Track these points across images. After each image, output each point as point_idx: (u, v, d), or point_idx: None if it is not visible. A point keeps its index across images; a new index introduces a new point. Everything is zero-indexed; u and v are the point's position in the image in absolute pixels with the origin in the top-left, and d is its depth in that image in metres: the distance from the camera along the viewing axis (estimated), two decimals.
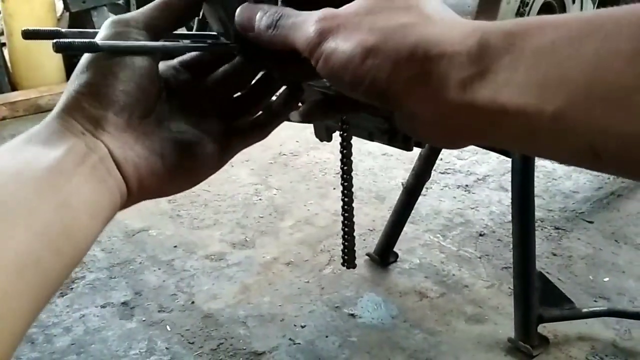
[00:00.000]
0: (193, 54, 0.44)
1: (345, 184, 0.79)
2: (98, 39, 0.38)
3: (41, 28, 0.42)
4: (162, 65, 0.42)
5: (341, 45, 0.31)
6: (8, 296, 0.28)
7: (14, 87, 3.33)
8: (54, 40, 0.37)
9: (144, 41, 0.39)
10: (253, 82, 0.45)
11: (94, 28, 0.42)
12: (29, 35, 0.42)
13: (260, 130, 0.44)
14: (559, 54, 0.24)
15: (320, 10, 0.34)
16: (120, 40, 0.38)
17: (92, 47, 0.38)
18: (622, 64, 0.22)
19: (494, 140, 0.30)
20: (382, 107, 0.33)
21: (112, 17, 0.39)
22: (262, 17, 0.37)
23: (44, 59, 3.26)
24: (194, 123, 0.41)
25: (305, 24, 0.34)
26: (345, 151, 0.76)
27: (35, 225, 0.30)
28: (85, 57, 0.37)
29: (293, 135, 2.63)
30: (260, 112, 0.45)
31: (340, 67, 0.31)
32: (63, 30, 0.40)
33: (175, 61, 0.43)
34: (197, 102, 0.42)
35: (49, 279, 0.30)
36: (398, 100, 0.30)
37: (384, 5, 0.32)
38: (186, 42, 0.44)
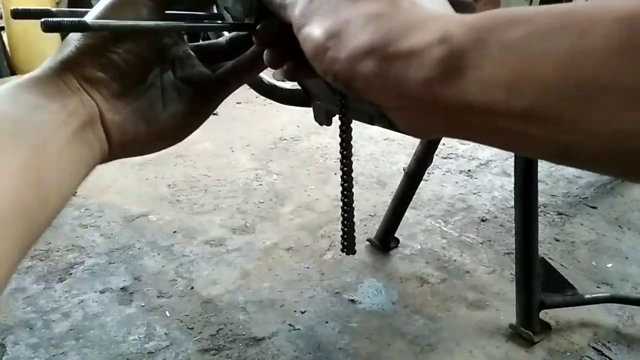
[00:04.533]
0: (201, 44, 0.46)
1: (345, 168, 0.77)
2: (98, 9, 0.38)
3: (31, 7, 0.40)
4: None
5: (313, 31, 0.31)
6: (3, 241, 0.29)
7: (13, 72, 3.31)
8: (42, 19, 0.36)
9: (137, 21, 0.38)
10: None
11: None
12: (18, 14, 0.41)
13: (238, 77, 0.44)
14: (529, 50, 0.22)
15: None
16: (120, 16, 0.37)
17: (82, 27, 0.37)
18: (596, 62, 0.21)
19: (461, 136, 0.29)
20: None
21: None
22: None
23: (43, 43, 3.23)
24: (182, 76, 0.42)
25: (295, 3, 0.34)
26: (344, 135, 0.74)
27: (27, 175, 0.31)
28: None
29: (294, 120, 2.61)
30: (238, 61, 0.45)
31: (312, 54, 0.31)
32: (53, 9, 0.39)
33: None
34: (190, 58, 0.43)
35: (35, 228, 0.32)
36: (360, 93, 0.30)
37: None
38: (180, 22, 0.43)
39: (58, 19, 0.36)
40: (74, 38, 0.37)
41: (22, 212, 0.30)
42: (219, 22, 0.47)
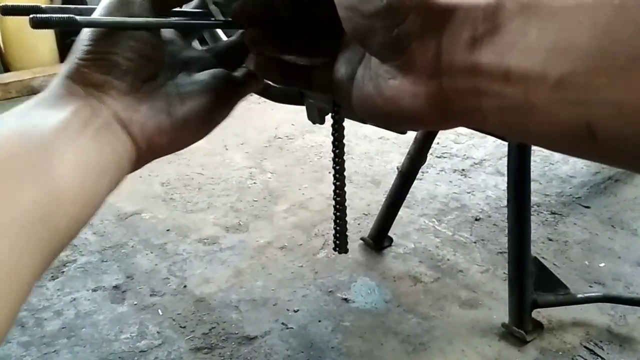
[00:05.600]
0: None
1: (337, 167, 0.77)
2: (100, 9, 0.38)
3: (20, 4, 0.40)
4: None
5: None
6: (19, 251, 0.28)
7: (6, 69, 3.29)
8: (31, 16, 0.36)
9: (127, 17, 0.38)
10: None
11: (86, 6, 0.41)
12: (6, 11, 0.41)
13: (256, 78, 0.46)
14: (571, 19, 0.23)
15: None
16: (111, 14, 0.38)
17: (70, 23, 0.37)
18: (631, 33, 0.21)
19: (481, 118, 0.29)
20: (380, 55, 0.32)
21: None
22: None
23: (37, 40, 3.22)
24: (199, 75, 0.42)
25: None
26: (337, 134, 0.74)
27: (43, 182, 0.31)
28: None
29: (288, 119, 2.61)
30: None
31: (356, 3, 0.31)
32: (43, 6, 0.39)
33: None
34: (201, 59, 0.44)
35: (57, 236, 0.31)
36: (403, 50, 0.30)
37: None
38: (173, 18, 0.43)
39: (47, 15, 0.36)
40: (75, 50, 0.38)
41: (37, 220, 0.30)
42: (212, 19, 0.47)
